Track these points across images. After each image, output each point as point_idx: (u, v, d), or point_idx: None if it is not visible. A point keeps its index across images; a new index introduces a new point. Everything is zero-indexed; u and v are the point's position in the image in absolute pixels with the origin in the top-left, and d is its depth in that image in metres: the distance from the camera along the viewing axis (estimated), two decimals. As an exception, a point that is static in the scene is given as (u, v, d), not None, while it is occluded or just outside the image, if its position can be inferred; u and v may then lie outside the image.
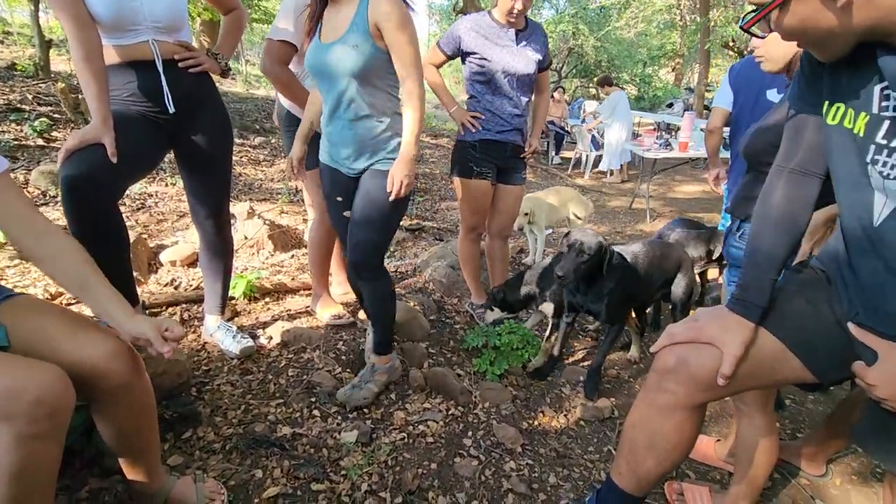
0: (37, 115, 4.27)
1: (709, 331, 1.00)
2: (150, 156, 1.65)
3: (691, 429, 1.08)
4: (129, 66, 1.52)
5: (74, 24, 1.37)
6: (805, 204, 0.98)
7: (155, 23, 1.48)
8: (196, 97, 1.63)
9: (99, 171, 1.41)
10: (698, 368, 1.00)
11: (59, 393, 0.90)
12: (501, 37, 2.12)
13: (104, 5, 1.40)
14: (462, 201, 2.36)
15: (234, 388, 1.78)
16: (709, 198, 6.16)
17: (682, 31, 14.09)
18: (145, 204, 3.40)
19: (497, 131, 2.21)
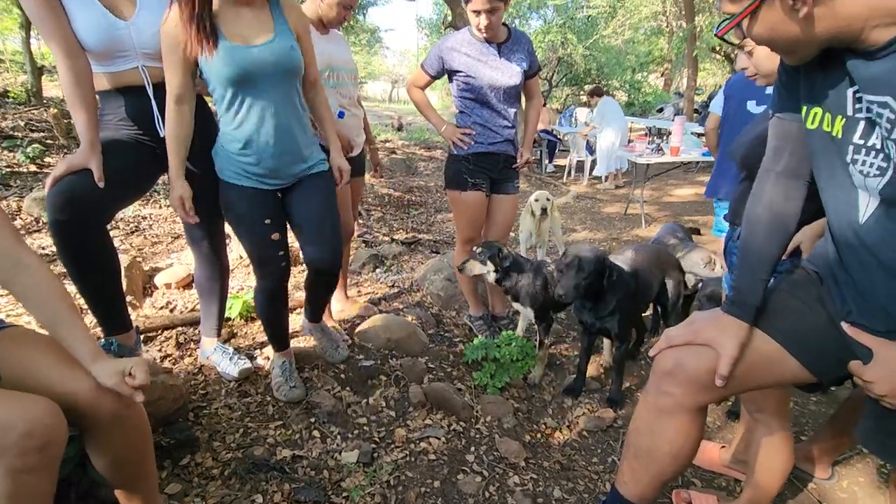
0: (29, 142, 4.27)
1: (705, 333, 1.02)
2: (142, 179, 1.65)
3: (693, 431, 1.08)
4: (119, 91, 1.53)
5: (64, 53, 1.39)
6: (793, 206, 1.00)
7: (143, 49, 1.48)
8: None
9: (86, 196, 1.41)
10: (695, 370, 1.02)
11: (50, 425, 0.88)
12: (484, 52, 2.13)
13: (92, 35, 1.42)
14: (457, 214, 2.38)
15: (233, 411, 1.76)
16: (703, 201, 6.18)
17: (669, 38, 14.28)
18: (139, 227, 3.39)
19: (489, 143, 2.23)
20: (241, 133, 1.50)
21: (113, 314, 1.67)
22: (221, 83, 1.44)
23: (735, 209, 1.42)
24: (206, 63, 1.41)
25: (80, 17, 1.40)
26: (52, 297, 1.04)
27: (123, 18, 1.45)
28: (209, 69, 1.42)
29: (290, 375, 1.86)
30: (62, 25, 1.38)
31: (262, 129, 1.50)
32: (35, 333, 1.12)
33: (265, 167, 1.56)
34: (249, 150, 1.52)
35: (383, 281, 3.06)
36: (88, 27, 1.41)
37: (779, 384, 1.15)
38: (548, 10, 13.28)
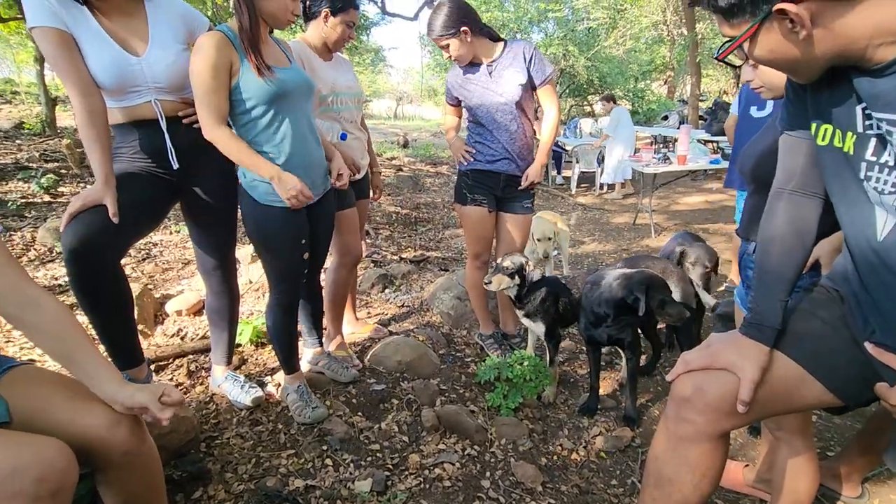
0: (43, 172, 4.36)
1: (724, 357, 0.99)
2: (155, 211, 1.67)
3: (717, 459, 1.05)
4: (133, 125, 1.55)
5: (78, 92, 1.42)
6: (808, 224, 0.98)
7: (156, 84, 1.51)
8: (201, 151, 1.62)
9: (100, 233, 1.43)
10: (715, 396, 0.99)
11: (63, 469, 0.88)
12: (471, 76, 2.20)
13: (106, 72, 1.45)
14: (464, 229, 2.48)
15: (244, 440, 1.75)
16: (713, 208, 6.13)
17: (670, 46, 14.33)
18: (150, 254, 3.42)
19: (487, 161, 2.26)
20: (282, 149, 1.59)
21: (125, 348, 1.68)
22: (263, 101, 1.53)
23: (747, 224, 1.40)
24: (249, 83, 1.49)
25: (93, 55, 1.43)
26: (64, 330, 1.04)
27: (136, 54, 1.48)
28: (253, 88, 1.50)
29: (308, 397, 1.86)
30: (77, 65, 1.41)
31: (298, 142, 1.61)
32: (46, 371, 1.12)
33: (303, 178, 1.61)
34: (291, 162, 1.60)
35: (393, 301, 3.05)
36: (102, 64, 1.44)
37: (804, 408, 1.11)
38: (549, 23, 13.40)
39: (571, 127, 9.43)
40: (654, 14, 13.38)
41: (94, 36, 1.42)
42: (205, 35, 1.48)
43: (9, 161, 4.75)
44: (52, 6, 1.36)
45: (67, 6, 1.38)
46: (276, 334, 1.82)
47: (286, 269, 1.73)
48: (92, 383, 1.02)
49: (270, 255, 1.72)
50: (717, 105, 8.02)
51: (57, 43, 1.38)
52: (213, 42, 1.45)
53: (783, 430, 1.30)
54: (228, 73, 1.48)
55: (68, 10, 1.38)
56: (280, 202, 1.62)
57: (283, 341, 1.84)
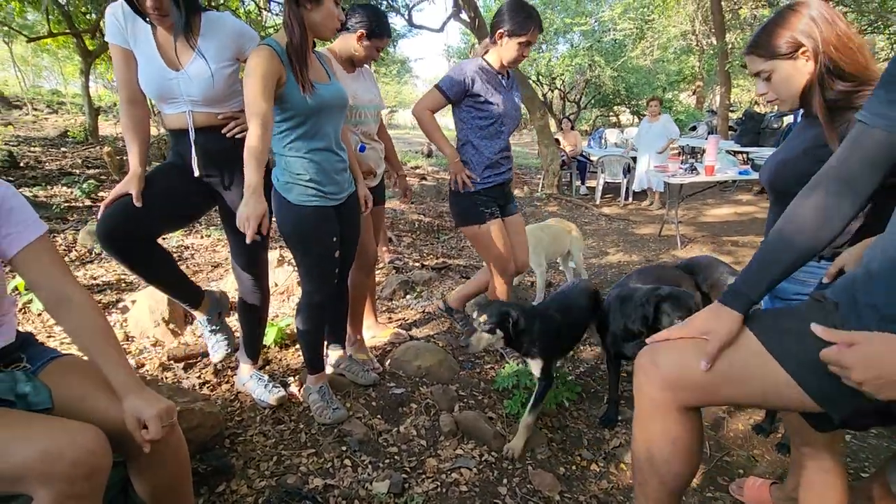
0: (85, 178, 4.58)
1: (698, 323, 1.02)
2: (185, 206, 1.79)
3: (683, 434, 1.05)
4: (173, 132, 1.71)
5: (126, 98, 1.65)
6: (834, 220, 0.93)
7: (190, 97, 1.62)
8: (235, 160, 1.68)
9: (124, 214, 1.60)
10: (668, 368, 1.02)
11: (97, 454, 0.93)
12: (500, 82, 2.18)
13: (148, 83, 1.62)
14: (485, 249, 2.29)
15: (267, 438, 1.79)
16: (742, 220, 5.98)
17: (699, 56, 14.12)
18: (182, 256, 3.55)
19: (497, 174, 2.25)
20: (313, 156, 1.68)
21: (186, 294, 1.90)
22: (302, 114, 1.63)
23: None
24: (292, 96, 1.59)
25: (141, 67, 1.61)
26: (93, 332, 1.10)
27: (177, 68, 1.59)
28: (295, 102, 1.60)
29: (330, 398, 1.90)
30: (129, 77, 1.62)
31: (327, 150, 1.71)
32: (86, 363, 1.18)
33: (331, 181, 1.74)
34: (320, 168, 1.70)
35: (414, 307, 3.08)
36: (146, 76, 1.61)
37: (774, 403, 1.07)
38: (574, 34, 13.39)
39: (596, 137, 9.36)
40: (683, 24, 13.22)
41: (147, 50, 1.59)
42: (254, 50, 1.56)
43: (54, 167, 5.01)
44: (119, 25, 1.57)
45: (135, 23, 1.57)
46: (304, 333, 1.87)
47: (320, 267, 1.79)
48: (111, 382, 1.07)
49: (305, 254, 1.78)
50: (748, 116, 7.84)
51: (117, 57, 1.61)
52: (263, 57, 1.52)
53: (809, 445, 1.26)
54: (276, 84, 1.56)
55: (134, 27, 1.58)
56: (313, 202, 1.70)
57: (311, 340, 1.89)
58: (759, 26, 1.22)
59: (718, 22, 9.25)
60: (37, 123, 9.14)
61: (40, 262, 1.10)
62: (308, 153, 1.67)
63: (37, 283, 1.10)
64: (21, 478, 0.87)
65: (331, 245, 1.78)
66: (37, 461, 0.86)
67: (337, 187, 1.77)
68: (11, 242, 1.08)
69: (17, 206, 1.10)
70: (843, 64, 1.09)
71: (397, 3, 8.75)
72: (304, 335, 1.88)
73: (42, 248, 1.11)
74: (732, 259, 4.44)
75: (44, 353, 1.16)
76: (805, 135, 1.21)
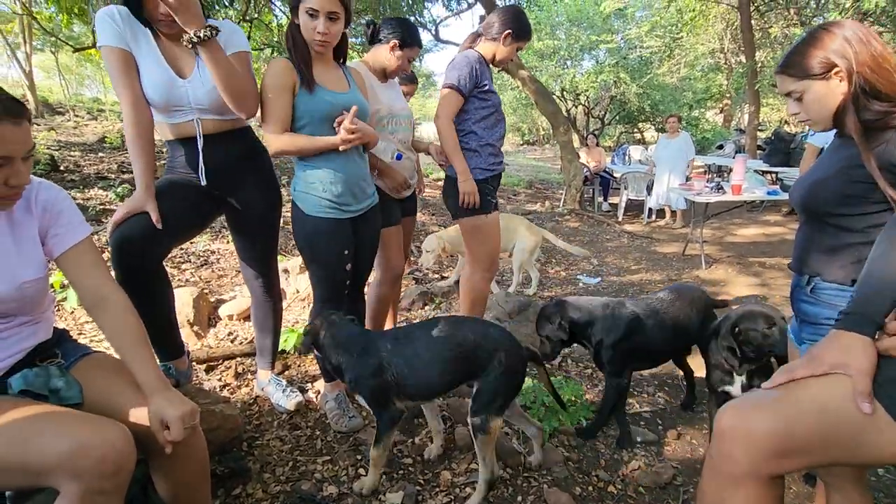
0: (120, 182, 4.75)
1: (828, 357, 0.91)
2: (195, 220, 1.75)
3: None
4: (179, 141, 1.66)
5: (130, 106, 1.53)
6: None
7: (198, 105, 1.60)
8: (242, 167, 1.74)
9: (143, 237, 1.52)
10: (761, 432, 0.90)
11: (124, 452, 0.95)
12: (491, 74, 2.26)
13: (155, 90, 1.55)
14: (481, 241, 2.26)
15: (283, 443, 1.81)
16: (771, 241, 5.83)
17: (728, 74, 13.95)
18: (208, 260, 3.64)
19: (499, 162, 2.26)
20: (330, 163, 1.69)
21: (167, 341, 1.77)
22: (316, 119, 1.65)
23: (799, 256, 1.33)
24: (302, 102, 1.62)
25: (147, 74, 1.54)
26: (126, 332, 1.14)
27: (183, 76, 1.58)
28: (305, 107, 1.62)
29: (346, 406, 1.90)
30: (132, 82, 1.52)
31: (347, 157, 1.71)
32: (114, 360, 1.22)
33: (348, 193, 1.74)
34: (337, 175, 1.70)
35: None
36: (153, 83, 1.54)
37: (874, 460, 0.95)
38: (600, 51, 13.38)
39: (620, 154, 9.29)
40: (711, 42, 13.11)
41: (151, 56, 1.54)
42: (273, 61, 1.62)
43: (92, 171, 5.21)
44: (118, 28, 1.49)
45: (133, 28, 1.52)
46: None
47: (329, 279, 1.81)
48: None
49: (315, 264, 1.80)
50: (777, 135, 7.69)
51: (119, 61, 1.50)
52: (278, 66, 1.60)
53: (835, 475, 1.21)
54: (291, 92, 1.62)
55: (133, 31, 1.52)
56: (326, 213, 1.71)
57: None
58: (790, 45, 1.21)
59: (748, 40, 9.14)
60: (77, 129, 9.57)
61: (83, 263, 1.15)
62: (324, 162, 1.69)
63: (78, 281, 1.15)
64: (50, 471, 0.90)
65: (342, 258, 1.78)
66: (67, 455, 0.89)
67: (354, 199, 1.77)
68: (59, 242, 1.13)
69: (66, 209, 1.15)
70: (879, 84, 1.07)
71: (424, 19, 8.92)
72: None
73: (85, 250, 1.16)
74: (759, 280, 4.32)
75: (76, 350, 1.21)
76: (839, 155, 1.19)
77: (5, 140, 0.92)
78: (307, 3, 1.58)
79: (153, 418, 1.03)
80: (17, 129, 0.94)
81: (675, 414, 2.27)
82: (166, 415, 1.03)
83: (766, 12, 10.19)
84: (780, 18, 10.24)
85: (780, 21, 10.27)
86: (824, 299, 1.19)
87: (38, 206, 1.12)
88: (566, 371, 2.64)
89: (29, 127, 0.98)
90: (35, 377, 1.06)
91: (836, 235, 1.16)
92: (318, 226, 1.73)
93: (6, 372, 1.08)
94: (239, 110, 1.56)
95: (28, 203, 1.10)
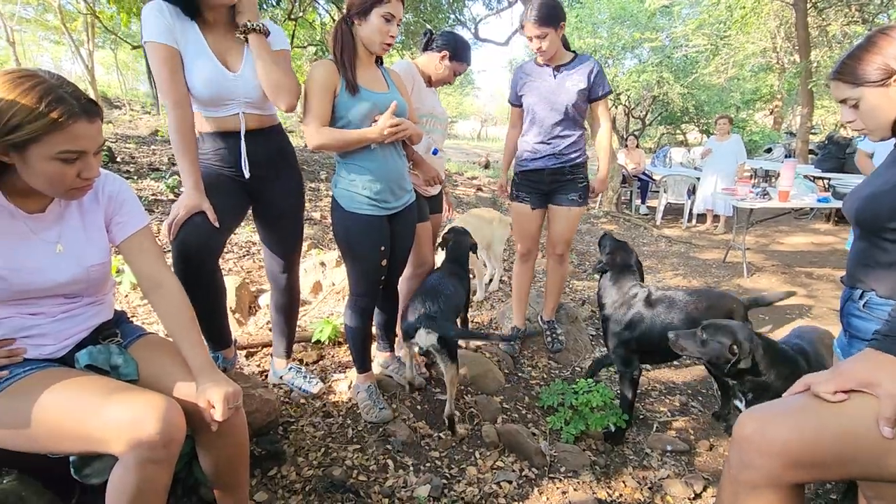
0: (171, 174, 5.00)
1: (859, 374, 0.89)
2: (236, 213, 1.79)
3: None
4: (220, 134, 1.66)
5: (174, 103, 1.53)
6: None
7: (246, 98, 1.64)
8: (275, 162, 1.79)
9: (206, 239, 1.58)
10: (780, 439, 0.89)
11: (176, 426, 1.03)
12: (539, 74, 2.37)
13: (205, 84, 1.56)
14: (513, 226, 2.66)
15: (316, 429, 1.88)
16: (820, 251, 5.56)
17: (779, 74, 13.30)
18: (249, 251, 3.78)
19: (529, 160, 2.45)
20: (372, 163, 1.75)
21: (218, 332, 1.86)
22: (356, 117, 1.69)
23: (852, 270, 1.28)
24: (343, 101, 1.68)
25: (196, 68, 1.54)
26: (179, 316, 1.22)
27: (232, 70, 1.59)
28: (346, 106, 1.68)
29: (377, 398, 1.97)
30: (177, 79, 1.52)
31: (384, 155, 1.77)
32: (167, 342, 1.31)
33: (387, 190, 1.79)
34: (377, 173, 1.75)
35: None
36: (203, 77, 1.55)
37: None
38: (643, 50, 13.01)
39: (661, 156, 9.03)
40: (763, 40, 12.52)
41: (200, 50, 1.54)
42: (316, 63, 1.68)
43: (145, 163, 5.50)
44: (167, 23, 1.48)
45: (182, 22, 1.52)
46: (351, 334, 1.95)
47: (365, 274, 1.86)
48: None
49: (353, 259, 1.85)
50: (831, 140, 7.27)
51: (165, 57, 1.49)
52: (323, 68, 1.66)
53: (883, 499, 1.16)
54: (332, 92, 1.68)
55: (181, 25, 1.52)
56: (365, 210, 1.77)
57: (358, 341, 1.97)
58: (849, 45, 1.16)
59: (803, 38, 8.70)
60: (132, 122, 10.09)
61: (142, 249, 1.24)
62: (365, 161, 1.74)
63: (137, 267, 1.24)
64: (110, 439, 0.98)
65: (378, 254, 1.83)
66: (127, 425, 0.97)
67: (393, 196, 1.82)
68: (121, 230, 1.23)
69: (128, 199, 1.25)
70: None
71: (464, 17, 8.93)
72: (351, 336, 1.96)
73: (144, 237, 1.25)
74: (805, 291, 4.14)
75: (134, 331, 1.30)
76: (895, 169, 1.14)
77: (81, 136, 1.00)
78: (386, 8, 1.64)
79: (200, 397, 1.11)
80: (91, 127, 1.02)
81: (707, 424, 2.22)
82: (212, 395, 1.10)
83: (824, 9, 9.65)
84: (840, 16, 9.67)
85: (840, 18, 9.71)
86: (878, 315, 1.15)
87: (105, 196, 1.21)
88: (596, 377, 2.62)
89: (101, 125, 1.06)
90: (98, 353, 1.16)
91: (892, 251, 1.11)
92: (357, 222, 1.78)
93: (73, 348, 1.18)
94: (276, 101, 1.62)
95: (96, 193, 1.20)
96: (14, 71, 0.98)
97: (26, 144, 0.96)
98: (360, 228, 1.79)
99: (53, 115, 0.95)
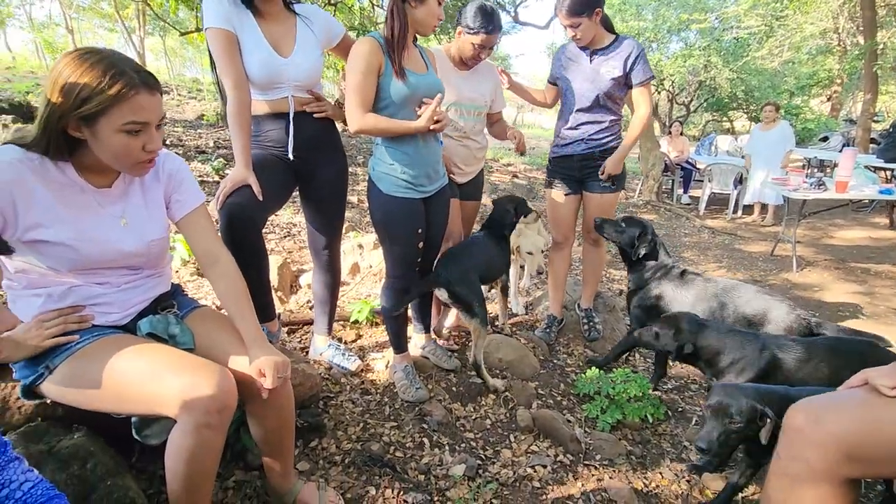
0: (217, 157, 5.18)
1: None
2: (282, 191, 1.86)
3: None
4: (271, 116, 1.75)
5: (233, 85, 1.62)
6: None
7: (295, 82, 1.72)
8: (320, 142, 1.85)
9: (250, 206, 1.65)
10: (834, 430, 0.85)
11: (229, 392, 1.08)
12: (577, 56, 2.32)
13: (259, 68, 1.65)
14: (548, 213, 2.65)
15: (355, 405, 1.93)
16: (878, 246, 5.24)
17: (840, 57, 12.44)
18: (290, 232, 3.89)
19: (560, 145, 2.45)
20: (412, 148, 1.77)
21: (262, 304, 1.90)
22: (398, 100, 1.70)
23: None
24: (389, 84, 1.69)
25: (250, 53, 1.64)
26: (234, 290, 1.27)
27: (283, 56, 1.69)
28: (391, 88, 1.69)
29: (413, 378, 2.01)
30: (236, 62, 1.62)
31: (427, 141, 1.80)
32: (220, 314, 1.37)
33: (423, 175, 1.82)
34: (414, 154, 1.77)
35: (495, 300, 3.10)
36: (259, 61, 1.64)
37: None
38: (690, 32, 12.41)
39: (706, 144, 8.65)
40: (824, 21, 11.70)
41: (254, 37, 1.64)
42: (361, 40, 1.68)
43: (191, 145, 5.72)
44: (226, 10, 1.59)
45: (238, 9, 1.62)
46: (387, 315, 1.99)
47: (402, 256, 1.89)
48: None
49: (390, 241, 1.88)
50: (896, 128, 6.78)
51: (225, 42, 1.59)
52: (367, 46, 1.66)
53: None
54: (377, 73, 1.68)
55: (238, 13, 1.62)
56: (402, 193, 1.79)
57: (394, 322, 2.00)
58: None
59: (869, 18, 8.10)
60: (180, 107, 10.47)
61: (199, 226, 1.30)
62: (405, 146, 1.76)
63: (195, 242, 1.30)
64: (169, 403, 1.04)
65: (415, 236, 1.86)
66: (184, 390, 1.03)
67: (428, 180, 1.84)
68: (180, 207, 1.28)
69: (186, 178, 1.30)
70: None
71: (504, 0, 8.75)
72: (387, 317, 2.00)
73: (200, 215, 1.31)
74: (863, 289, 3.92)
75: (189, 303, 1.37)
76: None
77: (143, 107, 1.05)
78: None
79: (252, 366, 1.16)
80: (152, 99, 1.07)
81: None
82: (263, 364, 1.15)
83: (895, -14, 8.94)
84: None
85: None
86: None
87: (165, 174, 1.27)
88: (633, 366, 2.58)
89: (160, 98, 1.11)
90: (158, 322, 1.22)
91: None
92: (395, 205, 1.81)
93: (135, 317, 1.25)
94: None
95: (156, 171, 1.25)
96: (76, 51, 1.03)
97: (96, 117, 1.01)
98: (398, 211, 1.81)
99: (117, 86, 1.00)
